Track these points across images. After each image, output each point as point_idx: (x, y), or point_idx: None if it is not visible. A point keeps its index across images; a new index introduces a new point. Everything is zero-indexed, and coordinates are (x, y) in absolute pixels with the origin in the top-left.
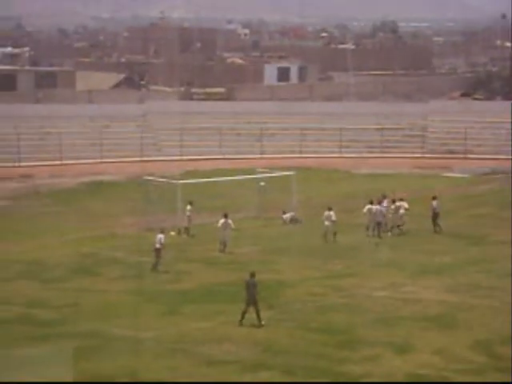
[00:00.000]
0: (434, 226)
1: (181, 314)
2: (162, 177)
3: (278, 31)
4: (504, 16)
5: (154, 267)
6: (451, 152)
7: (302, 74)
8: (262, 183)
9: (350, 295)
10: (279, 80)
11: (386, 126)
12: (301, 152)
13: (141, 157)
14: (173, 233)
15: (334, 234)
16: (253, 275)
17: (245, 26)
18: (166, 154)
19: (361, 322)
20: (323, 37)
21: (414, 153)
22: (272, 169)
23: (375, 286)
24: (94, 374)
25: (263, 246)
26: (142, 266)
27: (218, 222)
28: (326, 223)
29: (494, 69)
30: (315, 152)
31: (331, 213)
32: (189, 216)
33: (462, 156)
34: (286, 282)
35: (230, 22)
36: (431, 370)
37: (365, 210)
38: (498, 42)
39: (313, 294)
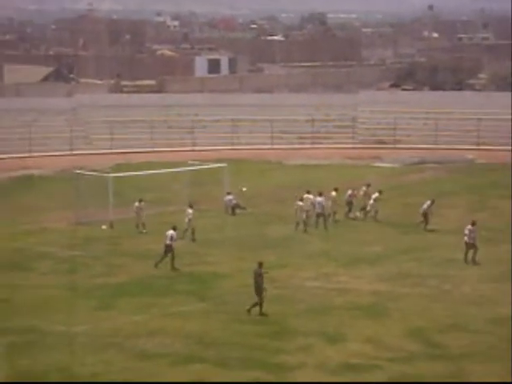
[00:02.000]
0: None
1: (114, 308)
2: (93, 170)
3: (208, 23)
4: (431, 7)
5: (158, 263)
6: (381, 142)
7: (233, 65)
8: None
9: (283, 286)
10: (210, 72)
11: (317, 117)
12: (232, 144)
13: (71, 150)
14: (104, 226)
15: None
16: (260, 265)
17: (174, 18)
18: (96, 147)
19: (294, 312)
20: (253, 28)
21: (344, 143)
22: (204, 161)
23: (307, 277)
24: (26, 369)
25: (198, 237)
26: (73, 260)
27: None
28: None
29: (422, 59)
30: (247, 144)
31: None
32: (136, 212)
33: (391, 146)
34: (219, 273)
35: (159, 13)
36: (363, 359)
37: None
38: (426, 33)
39: (246, 285)
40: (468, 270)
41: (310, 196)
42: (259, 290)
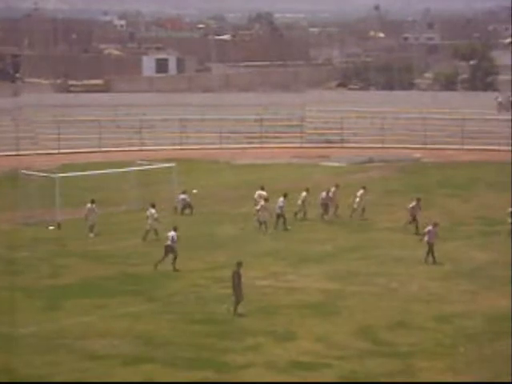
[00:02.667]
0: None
1: (61, 309)
2: (40, 171)
3: (155, 22)
4: (377, 7)
5: (158, 263)
6: (328, 141)
7: (181, 65)
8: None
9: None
10: (157, 71)
11: (265, 117)
12: (181, 144)
13: (17, 151)
14: (52, 227)
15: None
16: (239, 265)
17: (121, 17)
18: (43, 147)
19: (243, 311)
20: (200, 28)
21: (292, 143)
22: (152, 161)
23: (257, 276)
24: None
25: (147, 238)
26: (20, 262)
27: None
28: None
29: (368, 59)
30: (195, 143)
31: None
32: (86, 214)
33: (339, 145)
34: (168, 274)
35: (105, 13)
36: (313, 358)
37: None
38: (372, 33)
39: (195, 285)
40: (415, 268)
41: (263, 193)
42: (236, 289)
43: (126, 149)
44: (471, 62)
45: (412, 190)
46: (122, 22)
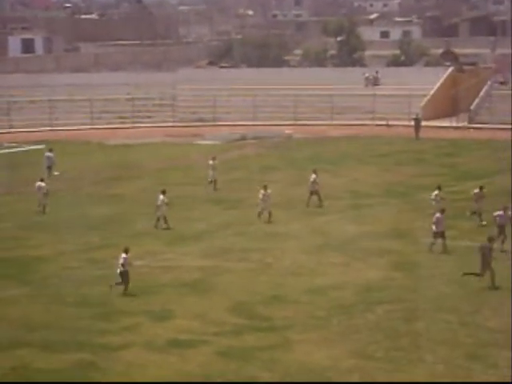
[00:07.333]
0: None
1: None
2: None
3: (20, 1)
4: None
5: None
6: (201, 120)
7: (48, 45)
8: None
9: (107, 267)
10: (24, 52)
11: (137, 96)
12: (51, 125)
13: None
14: None
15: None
16: (490, 240)
17: None
18: None
19: (119, 292)
20: (67, 7)
21: (165, 122)
22: (22, 143)
23: (132, 256)
24: None
25: (17, 221)
26: None
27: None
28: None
29: (238, 37)
30: (66, 124)
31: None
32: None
33: (211, 123)
34: (41, 257)
35: None
36: (191, 335)
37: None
38: (241, 11)
39: (69, 267)
40: (288, 243)
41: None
42: (485, 263)
43: None
44: (339, 38)
45: (285, 165)
46: None
